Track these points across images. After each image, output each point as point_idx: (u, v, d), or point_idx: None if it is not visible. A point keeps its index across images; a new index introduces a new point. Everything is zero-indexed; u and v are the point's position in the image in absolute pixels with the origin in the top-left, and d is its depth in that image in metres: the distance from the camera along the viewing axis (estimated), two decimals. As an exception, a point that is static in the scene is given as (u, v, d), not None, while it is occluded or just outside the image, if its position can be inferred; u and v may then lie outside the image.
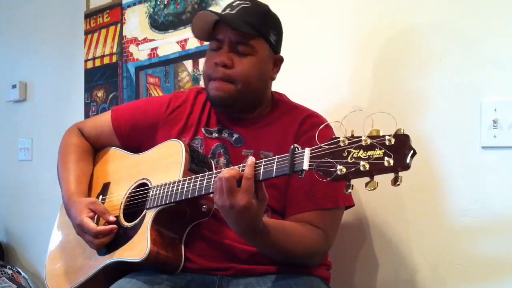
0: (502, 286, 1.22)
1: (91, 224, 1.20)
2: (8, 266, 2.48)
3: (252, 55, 1.22)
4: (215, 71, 1.22)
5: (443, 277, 1.31)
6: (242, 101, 1.24)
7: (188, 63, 1.91)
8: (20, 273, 2.46)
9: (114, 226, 1.20)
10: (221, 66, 1.21)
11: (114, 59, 2.20)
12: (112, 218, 1.21)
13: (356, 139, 0.84)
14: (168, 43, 1.98)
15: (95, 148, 1.46)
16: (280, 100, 1.34)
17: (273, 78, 1.31)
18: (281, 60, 1.32)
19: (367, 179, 0.82)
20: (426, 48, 1.35)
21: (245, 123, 1.29)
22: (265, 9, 1.28)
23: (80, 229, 1.22)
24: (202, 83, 1.84)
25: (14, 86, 2.68)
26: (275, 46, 1.28)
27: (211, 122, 1.32)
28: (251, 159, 0.97)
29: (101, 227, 1.20)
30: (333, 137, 0.88)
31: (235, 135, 1.28)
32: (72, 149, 1.42)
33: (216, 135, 1.29)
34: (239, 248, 1.16)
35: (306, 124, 1.25)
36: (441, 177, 1.31)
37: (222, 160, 1.25)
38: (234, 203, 0.95)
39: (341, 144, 0.85)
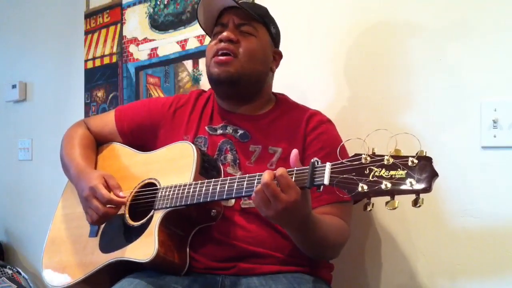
0: (502, 286, 1.22)
1: (104, 190, 1.16)
2: (8, 266, 2.48)
3: (255, 36, 1.26)
4: (219, 46, 1.23)
5: (444, 277, 1.31)
6: (246, 79, 1.24)
7: (188, 63, 1.91)
8: (20, 273, 2.45)
9: (125, 201, 1.18)
10: (226, 41, 1.22)
11: (114, 59, 2.20)
12: (122, 195, 1.18)
13: (379, 158, 0.84)
14: (168, 43, 1.98)
15: (98, 143, 1.45)
16: (283, 99, 1.37)
17: (273, 71, 1.33)
18: (280, 55, 1.35)
19: (386, 198, 0.83)
20: (425, 48, 1.34)
21: (250, 119, 1.30)
22: (266, 8, 1.34)
23: (92, 193, 1.17)
24: (202, 83, 1.85)
25: (14, 86, 2.67)
26: (275, 39, 1.33)
27: (214, 119, 1.32)
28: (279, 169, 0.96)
29: (114, 196, 1.16)
30: (355, 153, 0.88)
31: (240, 131, 1.28)
32: (78, 136, 1.41)
33: (221, 131, 1.29)
34: (242, 248, 1.16)
35: (313, 121, 1.27)
36: (441, 177, 1.29)
37: (229, 156, 1.25)
38: (283, 202, 0.94)
39: (363, 161, 0.86)
